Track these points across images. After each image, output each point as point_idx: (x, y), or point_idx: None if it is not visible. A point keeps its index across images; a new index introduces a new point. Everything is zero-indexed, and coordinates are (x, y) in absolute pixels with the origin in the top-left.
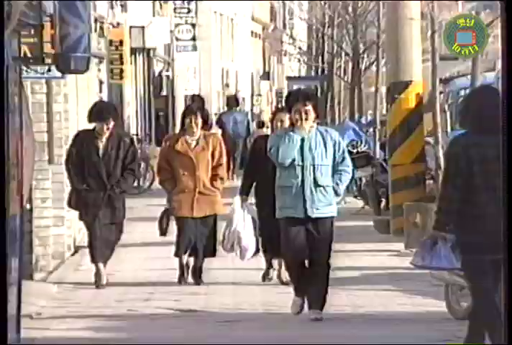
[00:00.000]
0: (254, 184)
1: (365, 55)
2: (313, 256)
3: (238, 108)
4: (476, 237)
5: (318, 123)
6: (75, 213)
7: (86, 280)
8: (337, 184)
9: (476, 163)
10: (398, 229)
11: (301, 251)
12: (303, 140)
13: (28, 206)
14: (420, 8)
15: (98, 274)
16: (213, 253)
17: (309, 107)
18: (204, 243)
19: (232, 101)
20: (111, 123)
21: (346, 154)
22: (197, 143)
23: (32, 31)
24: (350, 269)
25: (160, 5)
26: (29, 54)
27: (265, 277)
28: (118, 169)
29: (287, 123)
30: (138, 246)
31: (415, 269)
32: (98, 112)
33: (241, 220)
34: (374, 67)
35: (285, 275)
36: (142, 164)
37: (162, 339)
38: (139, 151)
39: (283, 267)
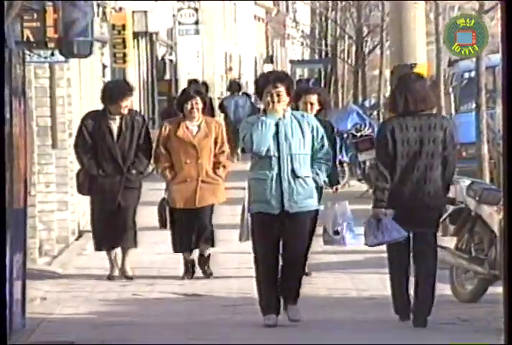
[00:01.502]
0: None
1: (369, 38)
2: (287, 256)
3: (240, 93)
4: (404, 212)
5: (293, 109)
6: (79, 198)
7: (90, 265)
8: (317, 174)
9: (400, 144)
10: None
11: (273, 253)
12: (277, 126)
13: (32, 192)
14: None
15: (111, 264)
16: (212, 243)
17: (281, 89)
18: (203, 233)
19: (234, 86)
20: (130, 102)
21: (326, 141)
22: (199, 129)
23: (35, 16)
24: (354, 252)
25: None
26: (31, 39)
27: None
28: (132, 150)
29: (317, 106)
30: (141, 231)
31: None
32: (122, 89)
33: None
34: (378, 50)
35: None
36: None
37: (167, 324)
38: None
39: None
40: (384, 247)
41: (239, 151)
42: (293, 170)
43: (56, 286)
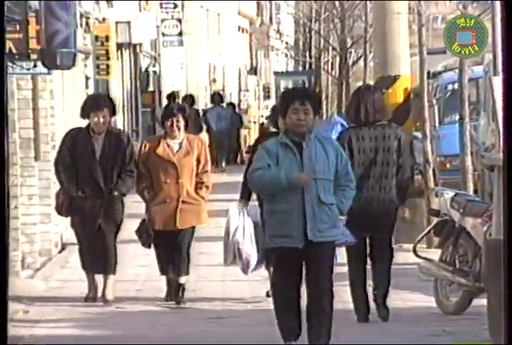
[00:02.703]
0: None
1: (353, 50)
2: (311, 292)
3: (222, 105)
4: (361, 218)
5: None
6: None
7: (74, 278)
8: (342, 202)
9: (356, 153)
10: None
11: (296, 285)
12: (301, 148)
13: (15, 205)
14: (407, 3)
15: (90, 286)
16: (186, 271)
17: (308, 106)
18: (178, 260)
19: (217, 97)
20: (108, 118)
21: (350, 167)
22: (180, 147)
23: (18, 27)
24: (337, 264)
25: (146, 0)
26: (14, 50)
27: (269, 293)
28: (115, 171)
29: None
30: (125, 243)
31: (403, 265)
32: (94, 103)
33: (240, 228)
34: (361, 62)
35: None
36: None
37: (151, 336)
38: None
39: None
40: None
41: (223, 164)
42: (317, 196)
43: (38, 299)
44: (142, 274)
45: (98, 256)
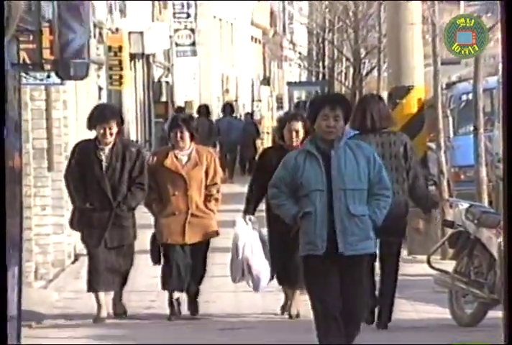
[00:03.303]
0: (265, 206)
1: (366, 60)
2: (344, 309)
3: (236, 115)
4: None
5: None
6: None
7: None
8: (375, 212)
9: None
10: None
11: (334, 295)
12: (329, 157)
13: (28, 215)
14: (421, 13)
15: (98, 305)
16: (199, 283)
17: (339, 112)
18: (196, 272)
19: (228, 108)
20: (115, 129)
21: (384, 174)
22: (189, 159)
23: (31, 37)
24: None
25: (159, 10)
26: (28, 61)
27: (284, 309)
28: (124, 183)
29: (302, 134)
30: (138, 254)
31: (417, 276)
32: (100, 114)
33: (248, 244)
34: (375, 72)
35: (297, 308)
36: None
37: None
38: None
39: (295, 299)
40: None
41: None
42: (347, 208)
43: (52, 310)
44: (155, 285)
45: (105, 275)
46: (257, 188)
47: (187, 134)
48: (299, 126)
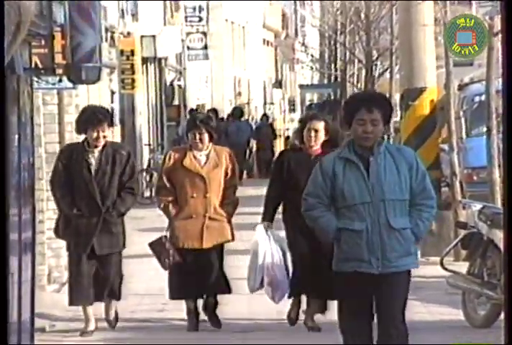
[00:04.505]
0: (281, 208)
1: (378, 62)
2: (384, 318)
3: (248, 119)
4: None
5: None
6: None
7: None
8: (417, 224)
9: None
10: None
11: (368, 315)
12: (367, 164)
13: (41, 219)
14: (433, 14)
15: (86, 318)
16: (227, 288)
17: (377, 115)
18: (214, 278)
19: (237, 111)
20: (107, 132)
21: (428, 182)
22: (207, 159)
23: (43, 42)
24: None
25: (171, 14)
26: (40, 65)
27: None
28: (114, 188)
29: (323, 134)
30: (151, 257)
31: (430, 278)
32: (92, 117)
33: (268, 252)
34: (387, 74)
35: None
36: (155, 174)
37: None
38: (151, 161)
39: (311, 309)
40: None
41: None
42: (386, 220)
43: (65, 313)
44: (167, 288)
45: (94, 285)
46: (275, 192)
47: (206, 135)
48: (320, 125)
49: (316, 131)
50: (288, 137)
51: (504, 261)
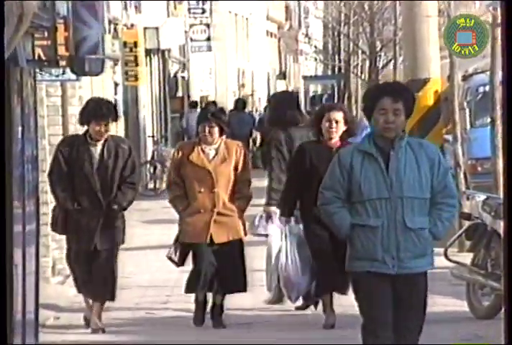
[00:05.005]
0: (299, 203)
1: (382, 53)
2: (399, 327)
3: (245, 111)
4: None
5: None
6: None
7: None
8: (436, 225)
9: None
10: None
11: (388, 323)
12: (387, 158)
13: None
14: (437, 5)
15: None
16: (243, 286)
17: (400, 105)
18: (228, 275)
19: (240, 103)
20: (110, 124)
21: (450, 180)
22: (216, 153)
23: (46, 34)
24: None
25: (174, 5)
26: (43, 57)
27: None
28: (115, 182)
29: (342, 125)
30: (155, 249)
31: (434, 269)
32: (97, 110)
33: (283, 249)
34: (391, 65)
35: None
36: (159, 166)
37: (180, 342)
38: (155, 152)
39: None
40: None
41: None
42: (403, 219)
43: (70, 305)
44: (172, 280)
45: (94, 281)
46: (293, 187)
47: (216, 129)
48: (339, 116)
49: (337, 122)
50: None
51: (504, 253)
